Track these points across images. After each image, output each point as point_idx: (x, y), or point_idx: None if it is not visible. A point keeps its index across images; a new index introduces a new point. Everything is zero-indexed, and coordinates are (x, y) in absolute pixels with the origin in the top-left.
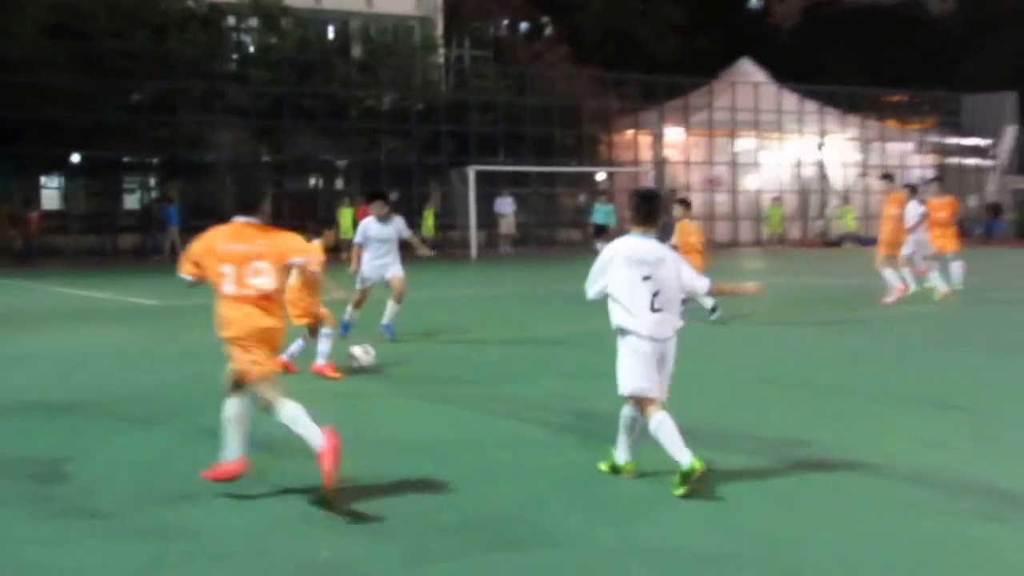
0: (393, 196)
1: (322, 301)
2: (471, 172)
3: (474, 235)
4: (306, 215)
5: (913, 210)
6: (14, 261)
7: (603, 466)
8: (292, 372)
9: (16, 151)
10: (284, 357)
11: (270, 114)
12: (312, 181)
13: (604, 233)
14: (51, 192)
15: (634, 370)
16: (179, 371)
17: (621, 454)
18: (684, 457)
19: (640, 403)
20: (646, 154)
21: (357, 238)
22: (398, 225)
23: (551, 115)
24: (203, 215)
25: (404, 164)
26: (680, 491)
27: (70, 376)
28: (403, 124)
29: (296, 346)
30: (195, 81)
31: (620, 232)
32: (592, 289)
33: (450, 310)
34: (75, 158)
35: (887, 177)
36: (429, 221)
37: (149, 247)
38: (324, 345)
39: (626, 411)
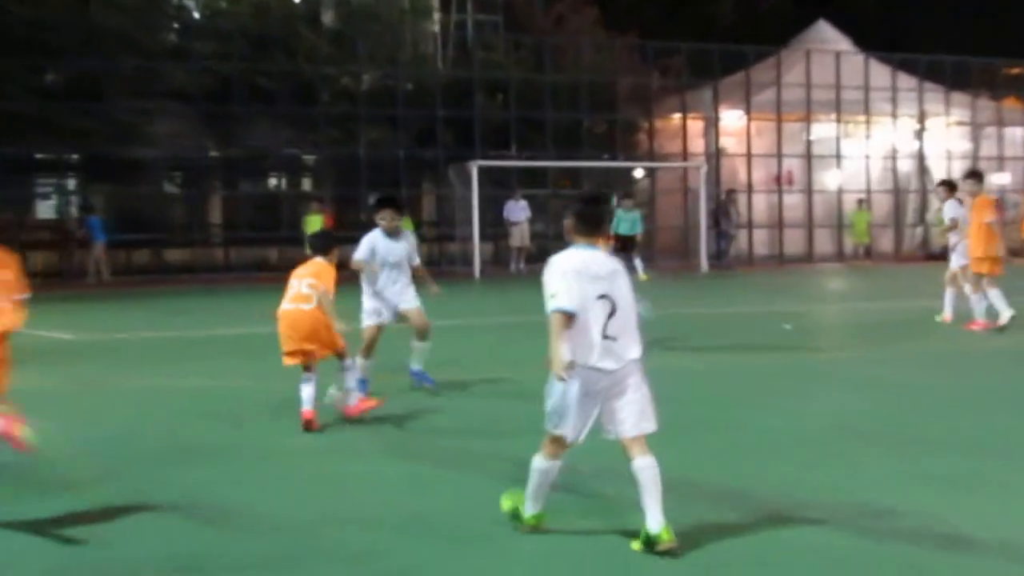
0: (373, 200)
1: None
2: (474, 169)
3: (477, 248)
4: (265, 224)
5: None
6: None
7: (506, 504)
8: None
9: None
10: (360, 394)
11: (219, 98)
12: (272, 181)
13: (629, 246)
14: None
15: (568, 412)
16: (102, 425)
17: (532, 504)
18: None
19: (558, 448)
20: (696, 145)
21: (362, 255)
22: (410, 244)
23: (577, 96)
24: (136, 226)
25: (389, 159)
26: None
27: None
28: (388, 109)
29: (352, 376)
30: (125, 58)
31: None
32: (567, 297)
33: (444, 344)
34: None
35: (974, 176)
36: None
37: (70, 268)
38: (349, 380)
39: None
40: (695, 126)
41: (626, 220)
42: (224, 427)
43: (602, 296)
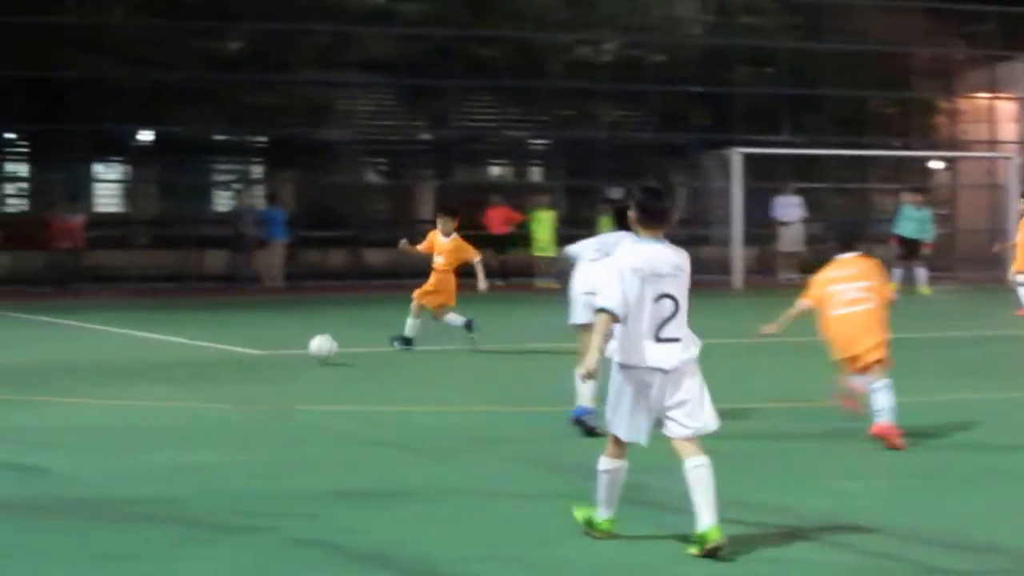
0: (616, 192)
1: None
2: (735, 156)
3: (738, 253)
4: (489, 221)
5: None
6: (52, 289)
7: (578, 514)
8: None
9: (52, 127)
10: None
11: (429, 69)
12: (494, 169)
13: (915, 252)
14: (106, 188)
15: (623, 411)
16: (286, 456)
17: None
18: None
19: (620, 448)
20: (1007, 131)
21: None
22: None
23: (861, 70)
24: (327, 222)
25: (632, 144)
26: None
27: (125, 460)
28: (632, 84)
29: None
30: (316, 22)
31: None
32: (613, 297)
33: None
34: (143, 136)
35: None
36: (543, 232)
37: (244, 272)
38: (885, 399)
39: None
40: (1006, 108)
41: (912, 220)
42: (433, 463)
43: (662, 296)
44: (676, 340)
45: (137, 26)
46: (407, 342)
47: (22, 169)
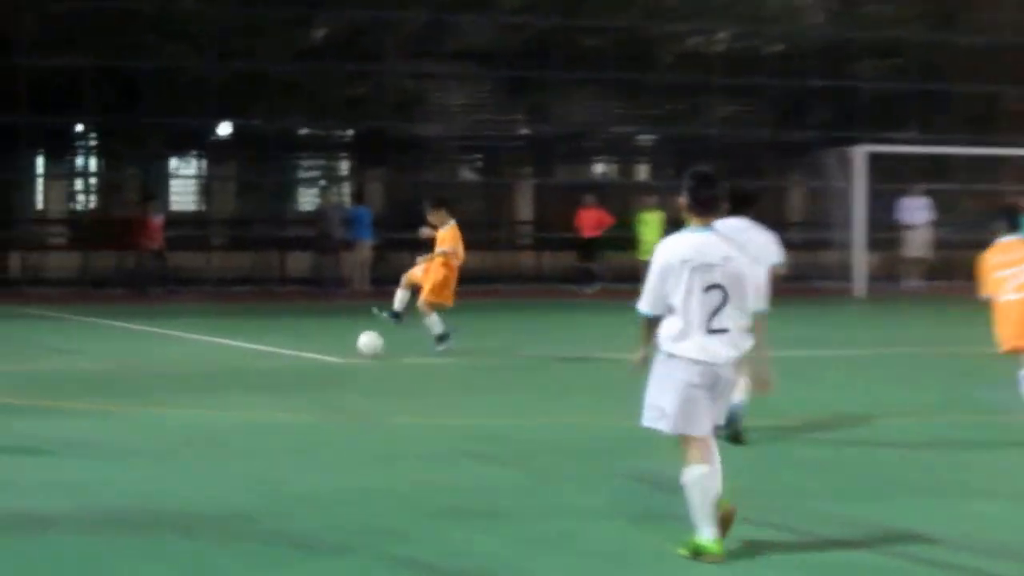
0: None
1: None
2: (859, 155)
3: (861, 258)
4: (580, 223)
5: None
6: (128, 292)
7: (683, 551)
8: None
9: (126, 121)
10: None
11: (529, 60)
12: (598, 168)
13: None
14: (183, 185)
15: (667, 404)
16: (377, 471)
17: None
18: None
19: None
20: None
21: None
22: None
23: (995, 64)
24: (418, 222)
25: (747, 141)
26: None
27: (207, 475)
28: (747, 77)
29: None
30: (408, 9)
31: None
32: (649, 301)
33: (815, 381)
34: (222, 130)
35: None
36: (650, 234)
37: (329, 275)
38: None
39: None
40: None
41: None
42: (533, 479)
43: (712, 287)
44: (725, 331)
45: (217, 12)
46: (396, 316)
47: (91, 164)
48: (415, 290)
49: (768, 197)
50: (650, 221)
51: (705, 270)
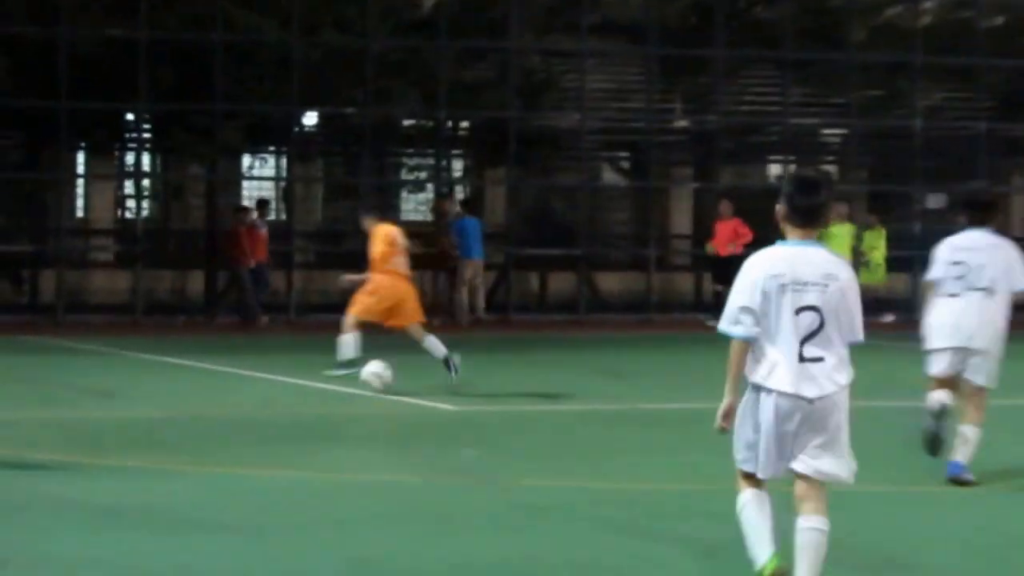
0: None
1: None
2: None
3: None
4: (762, 234)
5: None
6: (232, 322)
7: None
8: None
9: (187, 107)
10: None
11: (686, 37)
12: (773, 168)
13: None
14: (257, 188)
15: (754, 442)
16: (501, 545)
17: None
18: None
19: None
20: None
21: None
22: None
23: None
24: (547, 235)
25: (960, 136)
26: None
27: (292, 551)
28: (960, 56)
29: None
30: None
31: None
32: (741, 324)
33: None
34: (308, 120)
35: None
36: (877, 251)
37: (448, 299)
38: None
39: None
40: None
41: None
42: (688, 555)
43: (806, 308)
44: (820, 360)
45: None
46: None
47: (144, 161)
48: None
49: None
50: (837, 236)
51: (798, 289)
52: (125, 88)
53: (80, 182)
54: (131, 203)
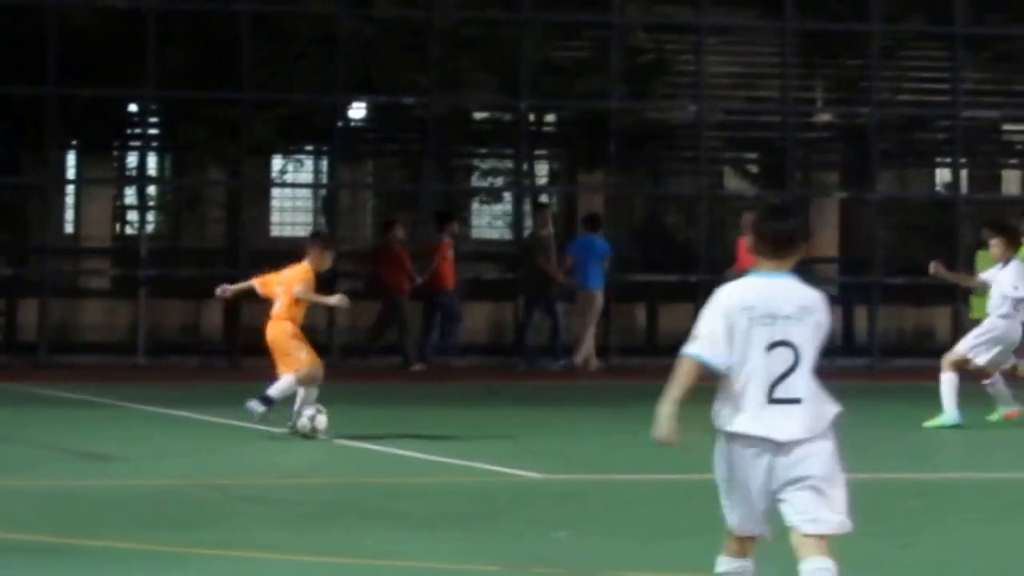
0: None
1: None
2: None
3: None
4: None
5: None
6: (230, 364)
7: None
8: None
9: (209, 97)
10: None
11: (832, 7)
12: (941, 175)
13: None
14: (290, 197)
15: (731, 494)
16: None
17: None
18: None
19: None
20: None
21: None
22: None
23: None
24: (654, 259)
25: None
26: None
27: None
28: None
29: None
30: None
31: None
32: (708, 343)
33: None
34: (355, 112)
35: None
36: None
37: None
38: None
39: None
40: None
41: None
42: None
43: (778, 344)
44: (796, 401)
45: None
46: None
47: (149, 163)
48: None
49: None
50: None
51: (767, 323)
52: (128, 71)
53: (70, 189)
54: (133, 215)
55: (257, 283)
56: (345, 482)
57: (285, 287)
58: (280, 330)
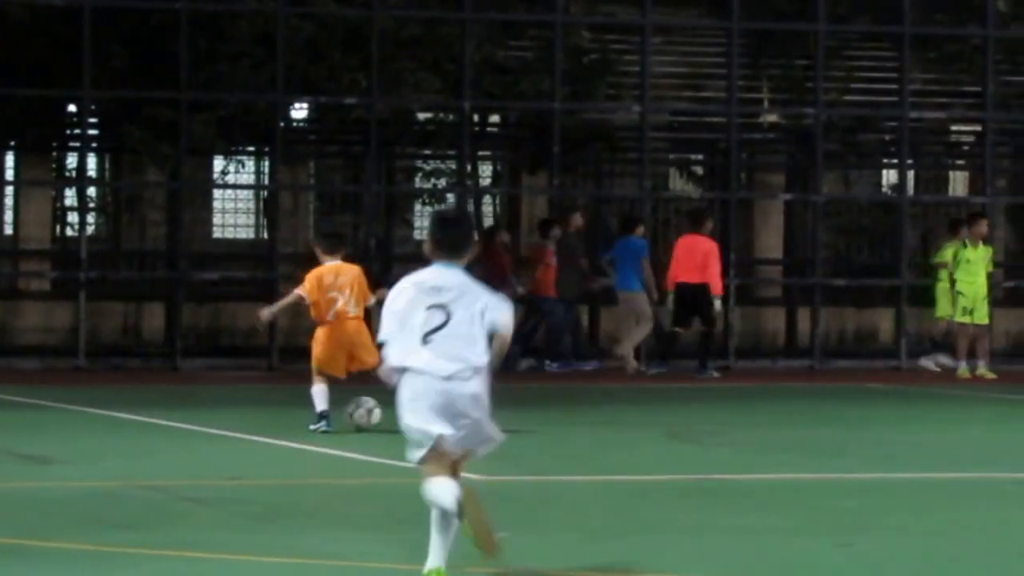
0: None
1: None
2: None
3: None
4: None
5: None
6: (143, 368)
7: None
8: None
9: (145, 96)
10: None
11: (779, 5)
12: (886, 176)
13: None
14: (230, 199)
15: (416, 413)
16: None
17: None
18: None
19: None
20: None
21: None
22: None
23: None
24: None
25: None
26: None
27: None
28: None
29: None
30: None
31: None
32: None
33: None
34: (297, 112)
35: None
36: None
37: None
38: None
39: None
40: None
41: None
42: None
43: (433, 307)
44: (443, 346)
45: None
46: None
47: (89, 164)
48: None
49: None
50: (972, 262)
51: (430, 293)
52: (66, 71)
53: (9, 191)
54: (72, 217)
55: (305, 292)
56: (288, 484)
57: (357, 287)
58: (362, 325)
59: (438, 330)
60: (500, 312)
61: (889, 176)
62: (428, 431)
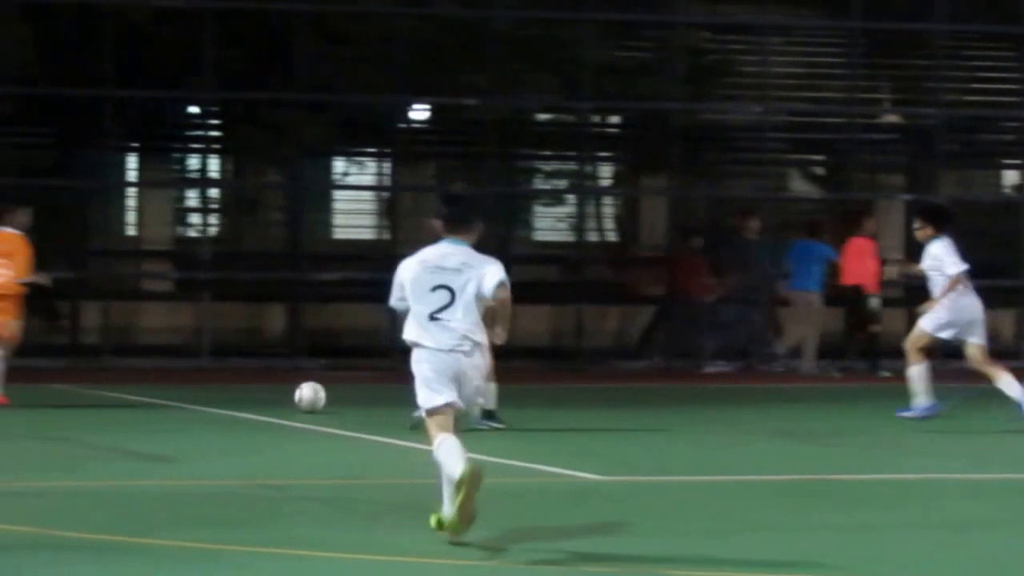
0: None
1: None
2: None
3: None
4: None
5: None
6: (261, 369)
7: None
8: None
9: (267, 98)
10: None
11: (900, 6)
12: (1009, 176)
13: None
14: (352, 199)
15: (426, 382)
16: None
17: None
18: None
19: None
20: None
21: None
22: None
23: None
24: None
25: None
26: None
27: None
28: None
29: None
30: None
31: None
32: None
33: None
34: (416, 114)
35: None
36: None
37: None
38: None
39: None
40: None
41: None
42: None
43: (439, 287)
44: (449, 321)
45: None
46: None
47: (211, 165)
48: None
49: None
50: None
51: (433, 272)
52: (187, 72)
53: (131, 192)
54: (193, 218)
55: None
56: (405, 483)
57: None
58: None
59: (444, 309)
60: (487, 278)
61: (1009, 177)
62: (436, 397)
